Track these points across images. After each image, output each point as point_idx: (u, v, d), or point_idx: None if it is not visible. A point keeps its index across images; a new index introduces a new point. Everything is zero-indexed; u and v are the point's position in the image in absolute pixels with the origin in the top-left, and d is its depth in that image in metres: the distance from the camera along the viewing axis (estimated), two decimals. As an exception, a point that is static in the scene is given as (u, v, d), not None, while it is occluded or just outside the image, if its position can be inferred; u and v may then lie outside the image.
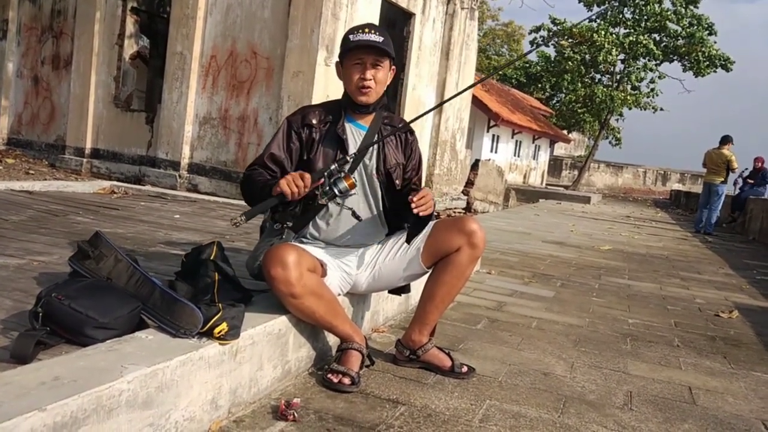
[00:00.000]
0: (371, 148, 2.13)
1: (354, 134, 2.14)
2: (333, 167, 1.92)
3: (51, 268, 2.54)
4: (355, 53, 2.04)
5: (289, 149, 2.08)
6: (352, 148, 2.10)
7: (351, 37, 2.04)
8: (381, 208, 2.20)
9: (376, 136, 2.15)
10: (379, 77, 2.08)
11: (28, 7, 9.42)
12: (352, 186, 1.91)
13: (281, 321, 1.89)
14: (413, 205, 1.91)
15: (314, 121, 2.09)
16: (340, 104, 2.17)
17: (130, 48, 8.59)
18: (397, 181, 2.18)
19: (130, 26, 8.53)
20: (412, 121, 2.16)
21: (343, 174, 1.90)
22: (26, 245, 2.98)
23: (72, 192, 5.96)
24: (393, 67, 2.13)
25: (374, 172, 2.14)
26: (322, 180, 1.90)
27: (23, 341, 1.50)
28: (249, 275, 2.18)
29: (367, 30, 2.04)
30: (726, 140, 10.13)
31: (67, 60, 8.90)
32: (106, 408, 1.25)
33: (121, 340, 1.53)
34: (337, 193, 1.90)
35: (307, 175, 1.85)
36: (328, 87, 6.86)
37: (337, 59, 2.14)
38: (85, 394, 1.20)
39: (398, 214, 2.20)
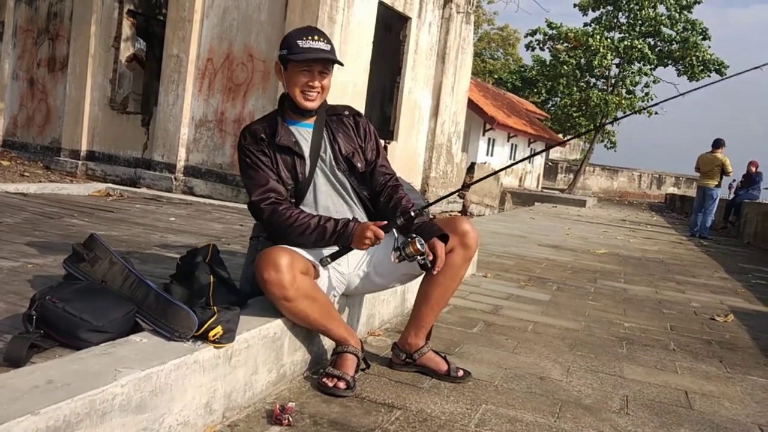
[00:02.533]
0: (322, 142, 2.12)
1: (302, 134, 2.12)
2: (402, 230, 1.99)
3: (45, 270, 2.52)
4: (304, 61, 2.01)
5: (270, 168, 2.05)
6: (306, 149, 2.09)
7: (300, 43, 2.00)
8: (357, 200, 2.17)
9: (324, 129, 2.14)
10: (325, 84, 2.07)
11: (25, 10, 9.39)
12: (417, 252, 1.89)
13: (276, 324, 1.88)
14: (434, 272, 1.98)
15: (263, 136, 2.07)
16: (279, 112, 2.14)
17: (126, 50, 8.57)
18: (359, 165, 2.16)
19: (127, 29, 8.52)
20: (475, 182, 2.16)
21: (409, 239, 1.90)
22: (20, 248, 2.97)
23: (67, 194, 5.94)
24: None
25: (334, 164, 2.13)
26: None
27: (17, 344, 1.49)
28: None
29: (316, 38, 2.01)
30: (719, 144, 10.17)
31: (63, 62, 8.88)
32: (100, 412, 1.24)
33: (115, 343, 1.52)
34: (405, 256, 1.90)
35: (381, 233, 1.90)
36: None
37: (277, 60, 2.09)
38: (78, 397, 1.19)
39: (378, 204, 2.18)
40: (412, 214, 1.98)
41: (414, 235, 1.92)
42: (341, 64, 2.06)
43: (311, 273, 1.98)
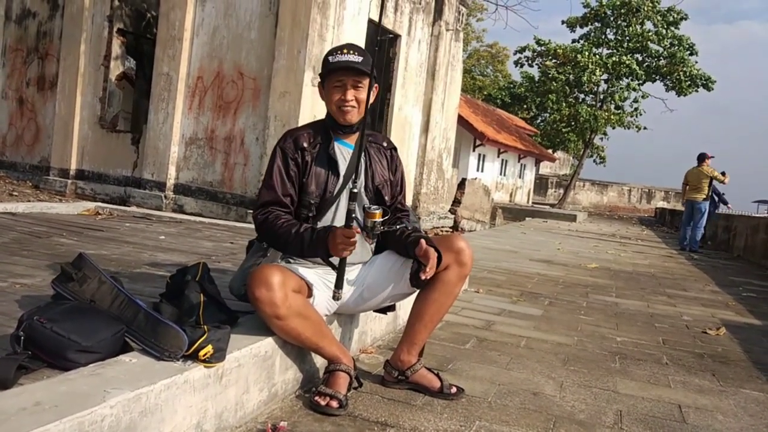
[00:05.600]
0: (360, 166, 2.14)
1: (342, 153, 2.15)
2: (353, 208, 1.91)
3: (34, 290, 2.50)
4: (335, 75, 2.05)
5: (290, 178, 2.08)
6: (343, 167, 2.12)
7: (330, 58, 2.05)
8: None
9: (363, 153, 2.16)
10: (361, 97, 2.08)
11: (14, 29, 9.40)
12: (374, 216, 1.89)
13: (267, 343, 1.87)
14: (423, 276, 1.97)
15: (305, 144, 2.10)
16: (325, 125, 2.18)
17: (116, 69, 8.58)
18: (387, 197, 2.19)
19: (117, 47, 8.53)
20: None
21: (367, 211, 1.90)
22: (9, 268, 2.94)
23: (56, 213, 5.90)
24: (375, 85, 2.07)
25: (362, 189, 2.14)
26: (356, 225, 1.90)
27: (4, 365, 1.47)
28: (234, 297, 2.15)
29: (345, 50, 2.05)
30: (703, 157, 10.26)
31: (52, 81, 8.87)
32: (88, 434, 1.22)
33: (104, 363, 1.50)
34: (368, 229, 1.90)
35: (350, 232, 1.85)
36: (315, 107, 6.88)
37: (319, 80, 2.15)
38: (66, 419, 1.17)
39: (385, 236, 2.20)
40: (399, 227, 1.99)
41: (370, 207, 1.92)
42: (372, 75, 2.00)
43: (304, 291, 1.97)
